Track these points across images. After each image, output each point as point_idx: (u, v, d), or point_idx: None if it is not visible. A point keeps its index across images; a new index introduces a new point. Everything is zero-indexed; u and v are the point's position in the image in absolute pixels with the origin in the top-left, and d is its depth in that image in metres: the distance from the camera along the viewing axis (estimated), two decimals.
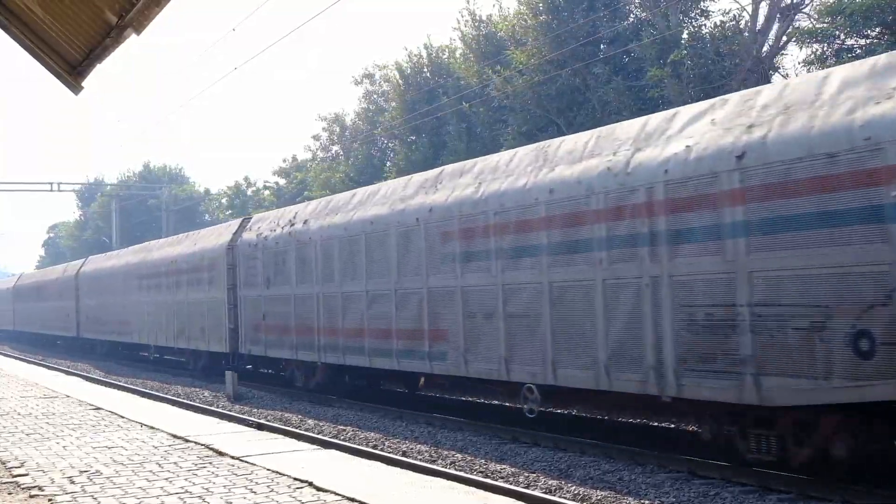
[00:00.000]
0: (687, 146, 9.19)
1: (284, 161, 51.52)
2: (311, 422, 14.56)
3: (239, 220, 22.05)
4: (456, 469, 10.20)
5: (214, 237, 22.46)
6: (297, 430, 13.06)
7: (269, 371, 21.46)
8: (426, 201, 13.41)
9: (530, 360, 11.13)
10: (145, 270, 27.21)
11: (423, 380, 15.96)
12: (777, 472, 8.74)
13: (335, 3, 17.14)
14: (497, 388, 13.51)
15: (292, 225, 17.73)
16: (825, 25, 20.26)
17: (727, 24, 23.27)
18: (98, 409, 13.46)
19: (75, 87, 7.93)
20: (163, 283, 25.33)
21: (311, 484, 7.28)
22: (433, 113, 32.29)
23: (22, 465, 8.42)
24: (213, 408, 16.29)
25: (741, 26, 23.40)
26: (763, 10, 23.49)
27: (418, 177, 14.72)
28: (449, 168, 13.97)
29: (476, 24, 31.76)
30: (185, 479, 7.58)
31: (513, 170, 11.91)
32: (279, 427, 13.34)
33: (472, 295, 12.17)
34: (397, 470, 8.59)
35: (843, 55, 19.39)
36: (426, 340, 13.17)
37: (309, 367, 17.52)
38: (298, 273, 17.13)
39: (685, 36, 23.86)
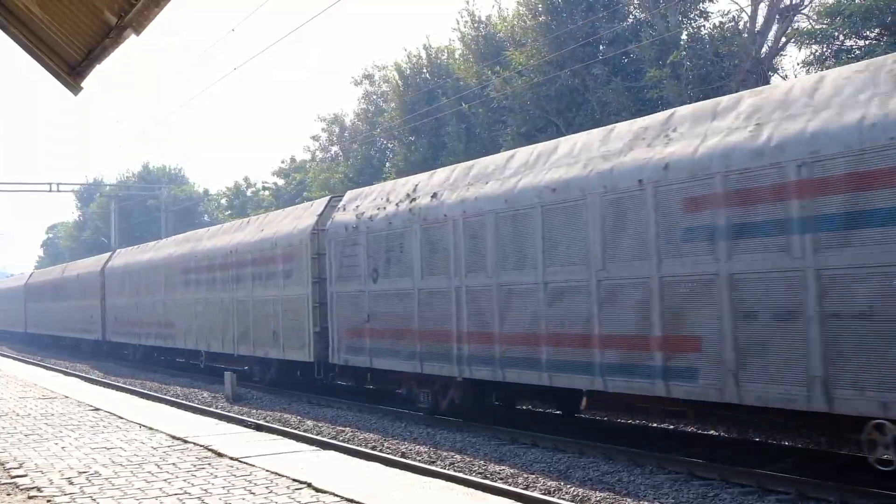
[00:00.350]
0: None
1: (283, 162, 51.65)
2: (310, 423, 14.57)
3: (325, 200, 18.60)
4: (455, 470, 10.21)
5: (290, 220, 18.79)
6: (296, 431, 13.08)
7: (376, 388, 17.38)
8: (653, 156, 9.90)
9: (878, 382, 7.67)
10: (193, 263, 23.28)
11: (585, 400, 12.28)
12: (776, 473, 8.75)
13: (335, 3, 17.16)
14: (796, 423, 9.56)
15: (412, 200, 14.12)
16: (824, 26, 20.29)
17: (726, 25, 23.34)
18: (97, 409, 13.44)
19: (74, 87, 7.94)
20: (217, 278, 21.61)
21: (309, 485, 7.28)
22: (432, 114, 32.29)
23: (20, 465, 8.41)
24: (211, 409, 16.33)
25: (740, 27, 23.45)
26: (762, 11, 23.56)
27: (625, 126, 11.08)
28: (684, 110, 10.37)
29: (475, 24, 31.80)
30: (184, 480, 7.58)
31: (824, 101, 8.46)
32: (278, 428, 13.36)
33: (748, 285, 8.71)
34: (396, 471, 8.57)
35: (842, 56, 19.43)
36: (657, 351, 9.68)
37: (439, 383, 13.87)
38: (425, 261, 13.54)
39: (684, 37, 23.91)
